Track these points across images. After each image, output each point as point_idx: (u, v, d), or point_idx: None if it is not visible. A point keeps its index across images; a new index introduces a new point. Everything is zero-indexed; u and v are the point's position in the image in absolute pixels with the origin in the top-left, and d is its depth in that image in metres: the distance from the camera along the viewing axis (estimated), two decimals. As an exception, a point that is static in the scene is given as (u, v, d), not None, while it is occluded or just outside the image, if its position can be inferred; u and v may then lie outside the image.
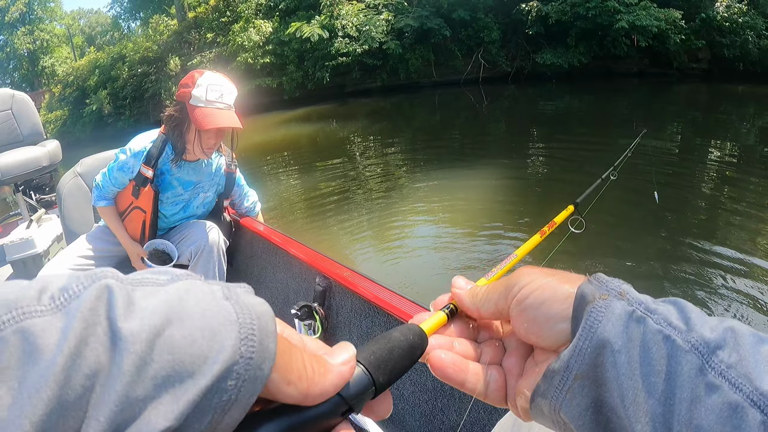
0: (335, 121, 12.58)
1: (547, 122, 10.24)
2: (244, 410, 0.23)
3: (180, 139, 1.75)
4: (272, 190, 6.27)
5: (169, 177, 1.84)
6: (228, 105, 1.69)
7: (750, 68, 14.92)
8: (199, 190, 1.93)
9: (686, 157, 7.22)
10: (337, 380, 0.27)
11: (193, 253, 1.85)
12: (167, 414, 0.20)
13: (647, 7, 14.08)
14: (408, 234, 4.24)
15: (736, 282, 3.06)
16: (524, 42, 15.22)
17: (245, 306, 0.23)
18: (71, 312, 0.20)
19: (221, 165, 1.98)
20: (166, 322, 0.21)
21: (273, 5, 15.81)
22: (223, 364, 0.21)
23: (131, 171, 1.78)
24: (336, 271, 1.50)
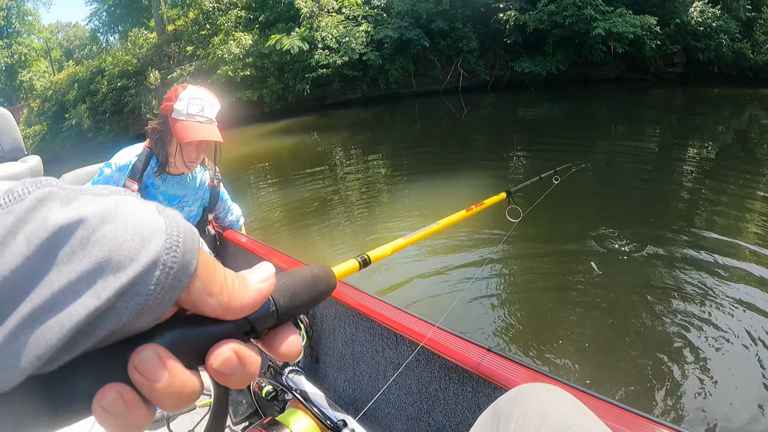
0: (316, 132, 12.58)
1: (526, 129, 10.37)
2: (157, 316, 0.24)
3: (162, 151, 1.76)
4: (255, 202, 6.25)
5: (154, 191, 1.84)
6: (209, 119, 1.70)
7: (725, 71, 15.27)
8: (184, 204, 1.94)
9: (664, 156, 7.36)
10: (256, 296, 0.29)
11: None
12: (84, 306, 0.21)
13: (623, 14, 14.36)
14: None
15: (708, 279, 3.15)
16: (502, 51, 15.43)
17: (175, 221, 0.25)
18: (12, 211, 0.21)
19: (205, 179, 1.99)
20: (101, 221, 0.23)
21: (253, 18, 15.83)
22: (145, 266, 0.23)
23: (116, 185, 1.77)
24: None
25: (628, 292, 2.98)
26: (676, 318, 2.64)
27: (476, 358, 1.03)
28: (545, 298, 3.05)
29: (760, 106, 11.97)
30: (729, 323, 2.57)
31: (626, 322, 2.66)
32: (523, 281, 3.33)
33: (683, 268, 3.24)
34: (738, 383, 2.15)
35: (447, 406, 1.14)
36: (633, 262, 3.42)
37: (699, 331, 2.52)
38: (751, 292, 2.86)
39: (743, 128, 9.64)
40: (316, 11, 14.76)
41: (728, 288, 2.94)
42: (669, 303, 2.80)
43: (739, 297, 2.82)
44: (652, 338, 2.49)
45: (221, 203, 2.11)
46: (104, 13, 21.31)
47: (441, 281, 3.36)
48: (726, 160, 6.75)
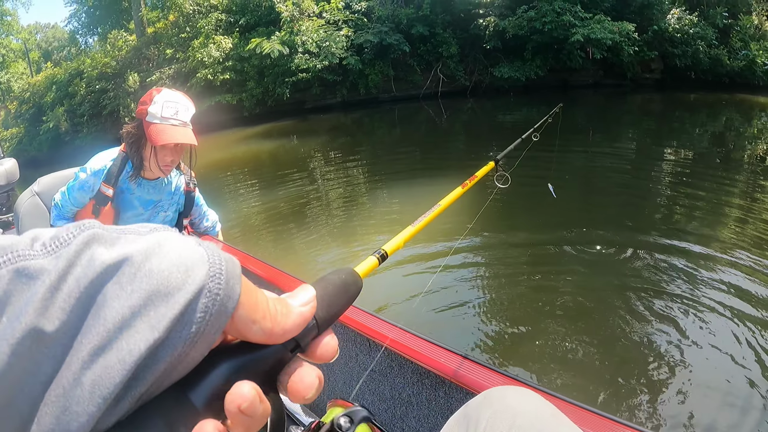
0: (296, 137, 12.55)
1: (505, 133, 10.47)
2: (210, 343, 0.25)
3: (137, 155, 1.75)
4: (233, 207, 6.22)
5: (129, 196, 1.82)
6: (183, 122, 1.69)
7: (701, 77, 15.54)
8: (159, 209, 1.92)
9: (642, 160, 7.50)
10: (299, 320, 0.30)
11: None
12: (144, 339, 0.22)
13: (601, 20, 14.53)
14: (369, 249, 4.26)
15: (684, 273, 3.24)
16: (482, 56, 15.54)
17: (215, 251, 0.26)
18: (61, 255, 0.23)
19: (180, 184, 1.97)
20: (145, 257, 0.24)
21: (233, 21, 15.74)
22: (193, 293, 0.24)
23: (91, 190, 1.77)
24: (295, 286, 1.50)
25: (605, 296, 3.03)
26: (652, 322, 2.69)
27: (449, 363, 1.04)
28: (520, 302, 3.07)
29: (736, 111, 12.24)
30: (705, 327, 2.62)
31: (602, 326, 2.70)
32: (497, 284, 3.35)
33: (659, 270, 3.31)
34: (715, 388, 2.18)
35: (420, 412, 1.15)
36: (609, 265, 3.47)
37: (675, 335, 2.56)
38: (726, 295, 2.92)
39: (720, 132, 9.85)
40: (297, 15, 14.74)
41: (704, 290, 3.00)
42: (645, 307, 2.84)
43: (716, 299, 2.88)
44: (627, 343, 2.54)
45: (197, 208, 2.09)
46: (84, 14, 21.05)
47: (411, 281, 3.38)
48: (703, 164, 6.91)
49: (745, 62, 14.79)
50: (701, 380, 2.22)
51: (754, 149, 7.89)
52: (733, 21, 15.57)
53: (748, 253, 3.50)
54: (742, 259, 3.41)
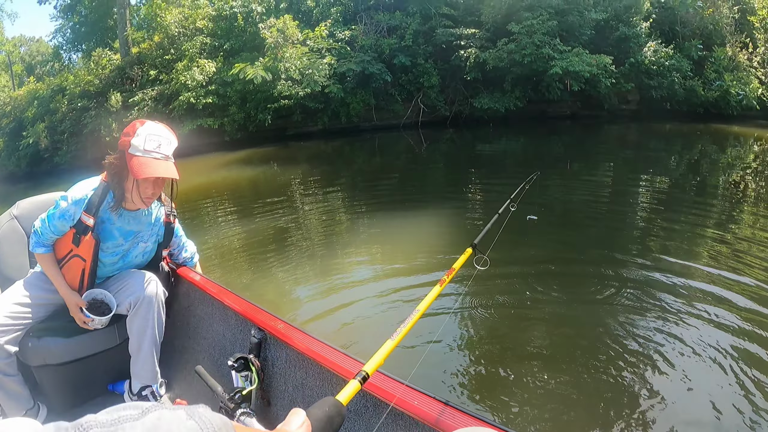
0: (276, 164, 12.60)
1: (484, 164, 10.67)
2: None
3: (119, 187, 1.76)
4: (211, 234, 6.22)
5: (110, 226, 1.82)
6: (166, 155, 1.70)
7: (677, 107, 15.98)
8: (139, 240, 1.92)
9: (619, 189, 7.71)
10: None
11: (132, 304, 1.83)
12: None
13: (580, 53, 14.89)
14: (346, 282, 4.25)
15: (666, 299, 3.38)
16: (462, 87, 15.83)
17: (207, 421, 0.31)
18: None
19: (161, 215, 1.98)
20: None
21: (217, 45, 15.83)
22: None
23: (72, 218, 1.77)
24: (270, 323, 1.54)
25: (588, 334, 3.09)
26: (633, 361, 2.76)
27: (422, 405, 1.06)
28: (495, 341, 3.12)
29: (711, 141, 12.63)
30: (685, 363, 2.70)
31: (581, 368, 2.75)
32: (477, 325, 3.38)
33: (639, 304, 3.40)
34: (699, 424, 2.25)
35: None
36: (587, 302, 3.54)
37: (654, 373, 2.63)
38: (703, 323, 3.04)
39: (695, 161, 10.15)
40: (281, 42, 14.88)
41: (681, 322, 3.11)
42: (626, 345, 2.92)
43: (695, 332, 2.98)
44: (607, 384, 2.59)
45: (176, 239, 2.10)
46: (69, 30, 20.97)
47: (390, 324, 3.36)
48: (678, 192, 7.15)
49: (719, 93, 15.27)
50: (683, 417, 2.30)
51: (728, 177, 8.19)
52: (707, 53, 16.10)
53: (724, 279, 3.67)
54: (719, 285, 3.57)
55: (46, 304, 1.85)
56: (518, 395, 2.54)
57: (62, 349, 1.86)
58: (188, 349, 2.07)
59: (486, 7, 15.78)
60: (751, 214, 5.88)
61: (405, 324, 1.07)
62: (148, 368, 1.88)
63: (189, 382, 1.99)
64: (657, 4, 16.58)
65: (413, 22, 15.80)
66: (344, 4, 16.59)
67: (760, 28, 16.50)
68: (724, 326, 3.02)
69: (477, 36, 15.44)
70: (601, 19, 15.49)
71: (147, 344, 1.86)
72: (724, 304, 3.30)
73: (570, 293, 3.67)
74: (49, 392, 1.95)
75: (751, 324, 3.02)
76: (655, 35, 16.00)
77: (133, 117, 14.94)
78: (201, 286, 1.94)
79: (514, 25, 14.77)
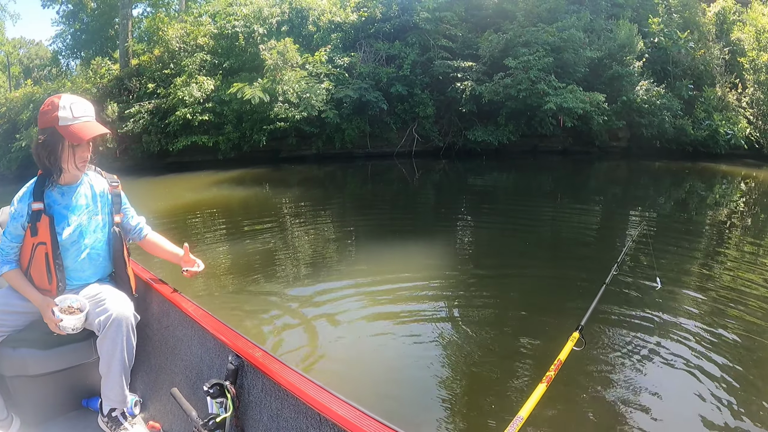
0: (268, 185, 12.65)
1: (475, 196, 10.82)
2: None
3: (56, 162, 1.81)
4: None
5: (58, 207, 1.87)
6: (92, 117, 1.83)
7: (666, 145, 16.26)
8: (90, 214, 1.95)
9: (607, 224, 7.86)
10: None
11: (102, 325, 1.83)
12: None
13: (574, 90, 15.12)
14: (329, 313, 4.22)
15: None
16: (457, 119, 16.04)
17: None
18: None
19: (104, 186, 2.03)
20: None
21: (217, 63, 15.95)
22: None
23: (22, 215, 1.83)
24: (248, 350, 1.50)
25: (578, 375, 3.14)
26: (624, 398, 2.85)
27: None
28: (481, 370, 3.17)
29: (699, 179, 12.87)
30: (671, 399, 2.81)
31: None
32: (463, 354, 3.41)
33: (621, 348, 3.46)
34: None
35: None
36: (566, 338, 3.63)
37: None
38: (687, 362, 3.14)
39: (683, 199, 10.34)
40: (281, 64, 15.04)
41: (669, 357, 3.22)
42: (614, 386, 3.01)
43: (680, 368, 3.09)
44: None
45: (124, 207, 2.12)
46: (69, 36, 21.03)
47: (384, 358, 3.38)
48: (667, 228, 7.27)
49: (708, 132, 15.61)
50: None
51: (716, 214, 8.41)
52: (697, 93, 16.48)
53: (711, 317, 3.81)
54: (706, 322, 3.71)
55: (24, 313, 1.88)
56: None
57: (38, 360, 1.86)
58: (165, 369, 2.04)
59: (483, 41, 16.05)
60: (736, 249, 6.10)
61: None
62: (116, 391, 1.89)
63: (164, 403, 1.98)
64: (650, 44, 16.96)
65: (412, 53, 16.03)
66: (345, 31, 16.79)
67: (750, 69, 16.94)
68: (707, 362, 3.16)
69: (474, 69, 15.68)
70: (595, 57, 15.80)
71: (116, 368, 1.86)
72: (711, 344, 3.44)
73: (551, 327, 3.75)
74: (23, 404, 1.94)
75: (740, 352, 3.20)
76: (648, 74, 16.34)
77: (128, 128, 15.01)
78: (181, 307, 1.93)
79: (511, 60, 15.03)
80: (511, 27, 15.79)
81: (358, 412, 1.12)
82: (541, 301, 4.43)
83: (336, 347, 3.51)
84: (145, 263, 2.45)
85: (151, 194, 11.71)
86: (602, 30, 16.79)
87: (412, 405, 2.84)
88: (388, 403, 2.84)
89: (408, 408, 2.81)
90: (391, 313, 4.13)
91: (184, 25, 16.90)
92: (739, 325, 3.69)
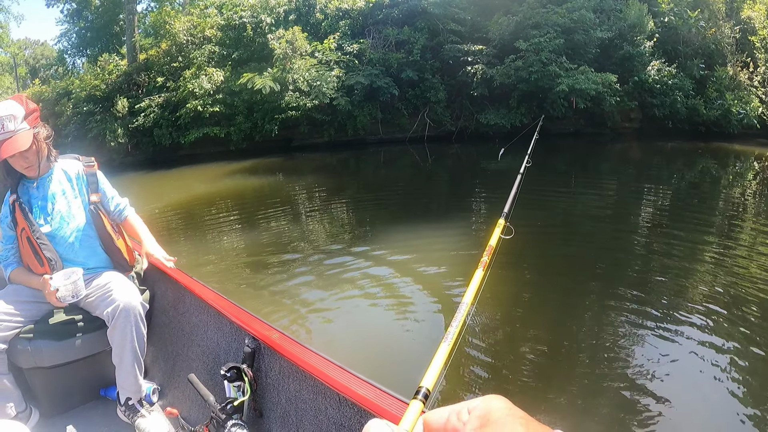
0: (281, 174, 12.62)
1: (489, 178, 10.72)
2: None
3: (10, 170, 1.85)
4: (213, 242, 6.26)
5: (33, 200, 1.90)
6: (12, 131, 1.74)
7: (679, 126, 16.09)
8: (69, 198, 1.96)
9: (621, 205, 7.80)
10: None
11: (111, 316, 1.85)
12: None
13: (585, 71, 14.99)
14: (346, 295, 4.23)
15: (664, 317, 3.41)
16: (468, 103, 15.92)
17: None
18: None
19: (78, 168, 2.02)
20: None
21: (226, 54, 15.89)
22: None
23: (6, 216, 1.90)
24: (265, 332, 1.50)
25: (593, 344, 3.15)
26: (639, 368, 2.84)
27: (398, 412, 1.00)
28: (509, 354, 3.15)
29: (712, 159, 12.74)
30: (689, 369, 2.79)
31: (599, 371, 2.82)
32: (488, 336, 3.40)
33: (639, 314, 3.48)
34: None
35: None
36: (594, 314, 3.59)
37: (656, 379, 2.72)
38: (698, 345, 3.09)
39: (696, 179, 10.25)
40: (290, 53, 14.96)
41: (681, 333, 3.18)
42: (630, 354, 3.00)
43: (690, 348, 3.04)
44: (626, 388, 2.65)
45: (100, 187, 2.08)
46: (74, 35, 21.02)
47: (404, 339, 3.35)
48: (680, 209, 7.25)
49: (720, 111, 15.43)
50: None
51: (729, 194, 8.33)
52: (709, 72, 16.29)
53: (723, 299, 3.75)
54: (717, 303, 3.64)
55: (34, 302, 1.90)
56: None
57: (53, 351, 1.86)
58: (182, 355, 2.04)
59: (493, 24, 15.93)
60: (750, 230, 6.01)
61: (455, 322, 0.99)
62: (130, 381, 1.90)
63: (182, 390, 1.99)
64: (660, 24, 16.78)
65: (421, 38, 15.91)
66: (353, 18, 16.69)
67: (761, 47, 16.72)
68: (718, 346, 3.08)
69: (484, 52, 15.56)
70: (606, 38, 15.65)
71: (127, 358, 1.87)
72: (730, 314, 3.38)
73: (568, 302, 3.75)
74: (41, 396, 1.95)
75: (759, 337, 3.11)
76: (658, 54, 16.18)
77: (139, 123, 14.99)
78: (196, 292, 1.92)
79: (522, 42, 14.90)
80: (521, 9, 15.65)
81: (378, 391, 1.10)
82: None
83: (353, 328, 3.50)
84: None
85: (165, 187, 11.73)
86: (612, 10, 16.62)
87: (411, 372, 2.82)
88: (407, 380, 2.80)
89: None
90: (407, 294, 4.10)
91: (190, 17, 16.84)
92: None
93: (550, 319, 3.55)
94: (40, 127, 1.85)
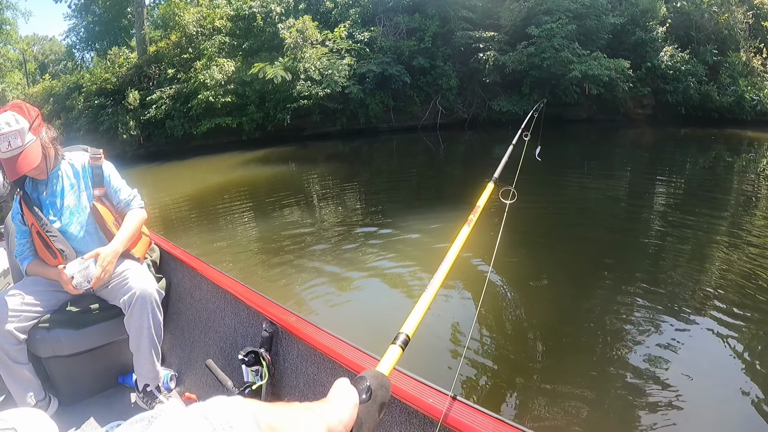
0: (294, 164, 12.62)
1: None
2: None
3: (11, 183, 1.93)
4: (228, 231, 6.29)
5: (40, 196, 1.92)
6: (18, 147, 1.70)
7: (691, 112, 15.91)
8: (73, 193, 1.96)
9: (634, 191, 7.74)
10: (352, 410, 0.47)
11: (127, 305, 1.86)
12: None
13: (598, 57, 14.86)
14: (361, 277, 4.25)
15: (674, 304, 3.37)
16: (480, 90, 15.83)
17: (218, 414, 0.32)
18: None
19: (84, 160, 2.00)
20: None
21: (236, 45, 15.87)
22: None
23: (18, 212, 1.92)
24: (282, 316, 1.51)
25: (601, 332, 3.10)
26: (647, 364, 2.78)
27: (438, 404, 1.00)
28: (518, 341, 3.12)
29: (725, 145, 12.63)
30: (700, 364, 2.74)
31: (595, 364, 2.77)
32: (493, 322, 3.38)
33: (649, 302, 3.44)
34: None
35: None
36: (606, 300, 3.56)
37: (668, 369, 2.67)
38: (710, 332, 3.05)
39: (709, 165, 10.17)
40: (301, 42, 14.92)
41: (694, 325, 3.13)
42: (638, 345, 2.95)
43: (702, 334, 3.01)
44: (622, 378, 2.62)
45: (105, 180, 2.03)
46: (82, 29, 21.04)
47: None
48: (693, 195, 7.21)
49: (733, 98, 15.25)
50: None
51: (742, 181, 8.24)
52: (722, 58, 16.06)
53: (736, 288, 3.69)
54: (730, 292, 3.59)
55: (52, 291, 1.91)
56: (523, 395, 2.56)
57: (71, 340, 1.89)
58: (199, 341, 2.06)
59: (505, 10, 15.81)
60: (765, 217, 5.94)
61: (439, 274, 0.97)
62: (148, 367, 1.92)
63: (200, 376, 2.00)
64: (673, 9, 16.59)
65: (432, 25, 15.82)
66: (363, 6, 16.60)
67: (774, 33, 16.55)
68: (733, 329, 3.04)
69: (496, 39, 15.45)
70: (618, 24, 15.50)
71: (145, 344, 1.88)
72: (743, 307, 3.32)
73: (580, 291, 3.71)
74: (60, 384, 1.98)
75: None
76: (671, 40, 16.02)
77: (150, 115, 15.01)
78: (213, 278, 1.93)
79: (534, 28, 14.78)
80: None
81: (398, 372, 1.08)
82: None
83: (369, 310, 3.49)
84: (176, 239, 2.41)
85: (178, 178, 11.74)
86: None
87: (445, 363, 2.80)
88: (424, 360, 2.82)
89: (442, 369, 2.77)
90: (423, 277, 4.09)
91: (199, 8, 16.80)
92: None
93: (559, 304, 3.54)
94: (44, 130, 1.83)
